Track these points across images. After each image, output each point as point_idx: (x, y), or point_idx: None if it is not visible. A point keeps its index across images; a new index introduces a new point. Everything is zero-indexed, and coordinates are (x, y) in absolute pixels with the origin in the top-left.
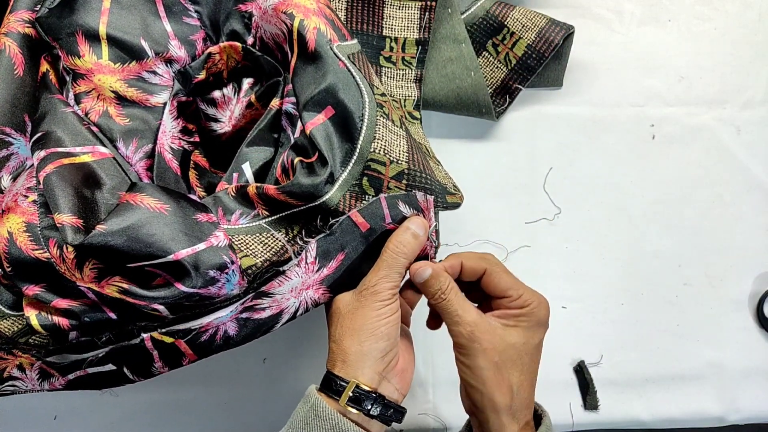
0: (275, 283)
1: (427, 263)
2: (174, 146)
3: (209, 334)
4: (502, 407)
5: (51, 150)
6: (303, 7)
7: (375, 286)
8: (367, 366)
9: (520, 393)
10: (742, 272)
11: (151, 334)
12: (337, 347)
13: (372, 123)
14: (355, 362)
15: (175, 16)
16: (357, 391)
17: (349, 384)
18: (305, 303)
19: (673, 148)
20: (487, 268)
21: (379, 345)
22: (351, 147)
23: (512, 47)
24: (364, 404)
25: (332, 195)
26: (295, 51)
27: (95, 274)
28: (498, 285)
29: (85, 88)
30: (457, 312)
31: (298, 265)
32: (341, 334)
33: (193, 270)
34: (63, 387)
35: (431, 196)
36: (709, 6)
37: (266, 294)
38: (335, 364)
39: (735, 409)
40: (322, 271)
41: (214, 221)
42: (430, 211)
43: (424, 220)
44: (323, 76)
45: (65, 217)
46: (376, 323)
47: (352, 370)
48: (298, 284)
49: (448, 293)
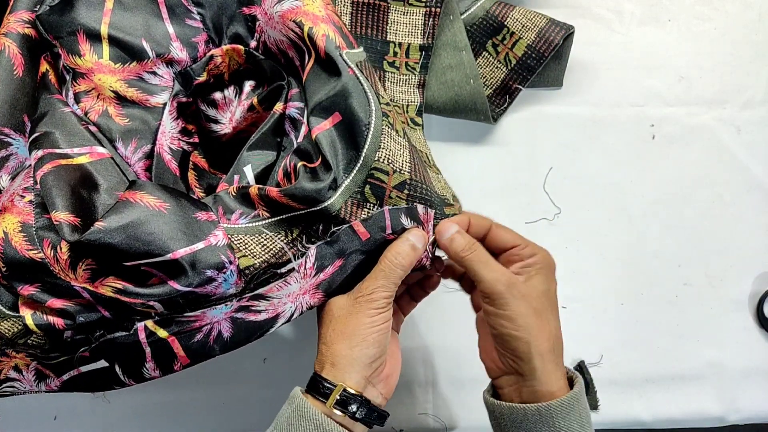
0: (274, 288)
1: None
2: (173, 147)
3: (203, 334)
4: (547, 353)
5: (48, 150)
6: (312, 15)
7: (371, 294)
8: (355, 371)
9: (559, 338)
10: (742, 272)
11: (145, 323)
12: (327, 349)
13: (378, 132)
14: (344, 366)
15: (177, 18)
16: (344, 394)
17: (336, 387)
18: (301, 307)
19: (673, 148)
20: (491, 224)
21: (369, 351)
22: (355, 154)
23: (512, 47)
24: (350, 407)
25: (334, 201)
26: (313, 55)
27: (89, 275)
28: (504, 238)
29: (85, 87)
30: (489, 262)
31: (297, 271)
32: (332, 337)
33: (190, 269)
34: (58, 388)
35: (432, 210)
36: (709, 6)
37: (264, 297)
38: (323, 367)
39: (735, 409)
40: (319, 276)
41: (213, 220)
42: (429, 224)
43: (423, 232)
44: (333, 82)
45: (62, 215)
46: (368, 330)
47: (340, 374)
48: (296, 290)
49: (476, 246)
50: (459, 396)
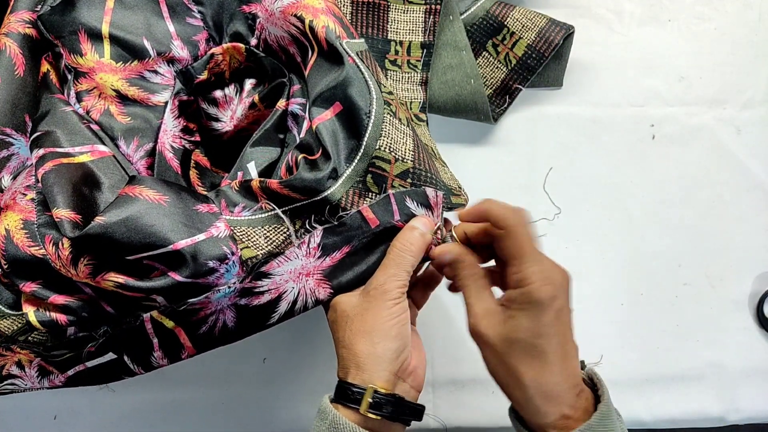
0: (274, 264)
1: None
2: (175, 145)
3: (208, 325)
4: (522, 402)
5: (49, 149)
6: (312, 8)
7: (384, 285)
8: (382, 368)
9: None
10: (742, 272)
11: (151, 314)
12: (348, 352)
13: (379, 120)
14: (370, 366)
15: (178, 17)
16: (376, 396)
17: (367, 390)
18: (304, 293)
19: (673, 148)
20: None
21: (393, 345)
22: (357, 143)
23: (512, 47)
24: (384, 409)
25: (335, 190)
26: (315, 49)
27: (90, 270)
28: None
29: (86, 86)
30: (468, 301)
31: (299, 247)
32: (351, 337)
33: (191, 260)
34: (63, 384)
35: (441, 192)
36: (709, 6)
37: (265, 275)
38: (348, 371)
39: (735, 409)
40: (325, 260)
41: (215, 212)
42: (439, 208)
43: (430, 219)
44: (335, 72)
45: (63, 212)
46: (388, 323)
47: (367, 375)
48: (298, 267)
49: (464, 280)
50: (459, 396)
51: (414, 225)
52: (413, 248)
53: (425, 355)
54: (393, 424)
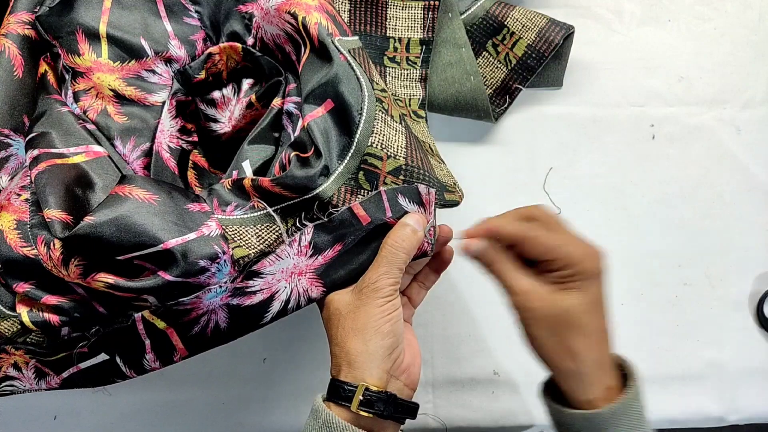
0: (266, 262)
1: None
2: (172, 145)
3: (200, 326)
4: (569, 374)
5: (44, 150)
6: (305, 5)
7: (376, 282)
8: (375, 366)
9: (588, 356)
10: (742, 272)
11: (143, 314)
12: (341, 350)
13: (370, 117)
14: (362, 363)
15: (175, 16)
16: (367, 393)
17: (358, 387)
18: (297, 293)
19: (673, 148)
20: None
21: (385, 343)
22: (348, 141)
23: (512, 47)
24: (376, 406)
25: (326, 187)
26: (308, 46)
27: (81, 271)
28: (532, 252)
29: (84, 86)
30: (507, 283)
31: (290, 245)
32: (344, 335)
33: (182, 259)
34: (59, 386)
35: (433, 189)
36: (709, 6)
37: (256, 273)
38: (341, 369)
39: (735, 409)
40: (317, 259)
41: (206, 211)
42: (431, 205)
43: (422, 216)
44: (326, 69)
45: (54, 212)
46: (380, 320)
47: (359, 373)
48: (290, 266)
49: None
50: (459, 396)
51: (406, 222)
52: (405, 245)
53: (420, 352)
54: (386, 422)
